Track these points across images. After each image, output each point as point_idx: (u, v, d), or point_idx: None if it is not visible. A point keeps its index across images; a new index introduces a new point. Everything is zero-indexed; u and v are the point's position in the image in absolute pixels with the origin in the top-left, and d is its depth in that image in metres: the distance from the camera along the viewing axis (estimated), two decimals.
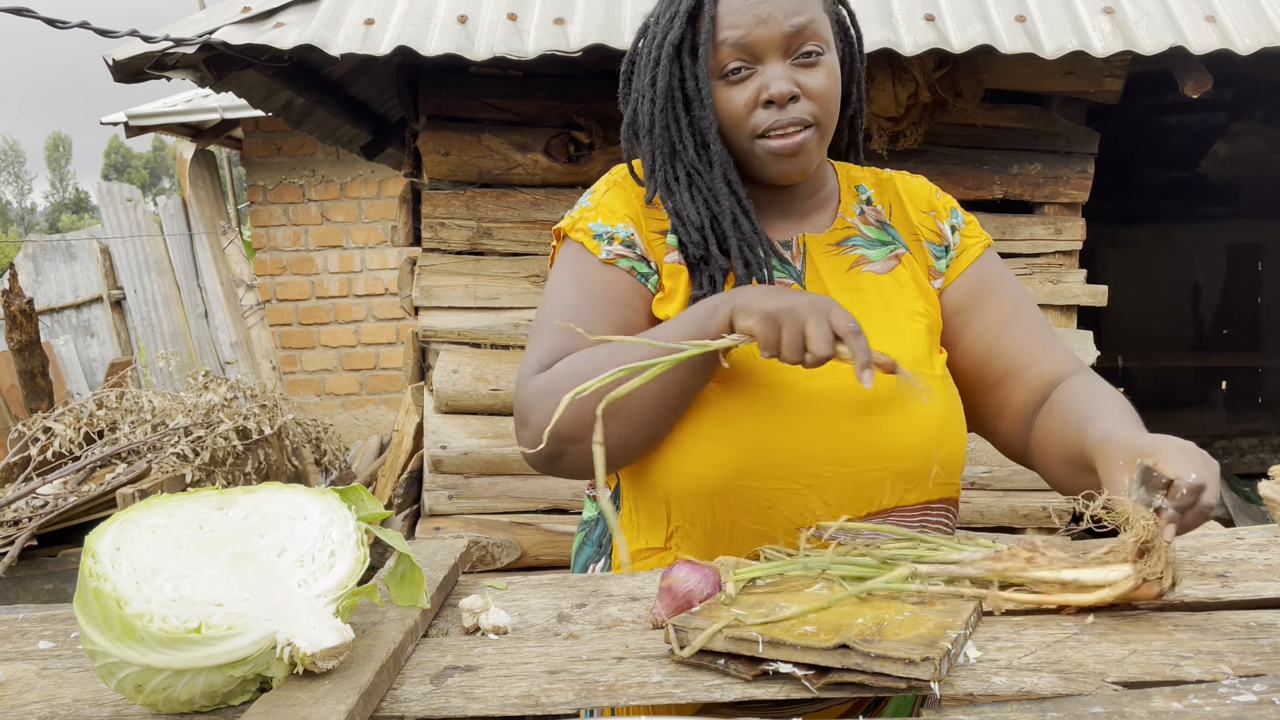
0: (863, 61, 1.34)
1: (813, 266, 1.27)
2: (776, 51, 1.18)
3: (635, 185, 1.30)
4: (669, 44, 1.22)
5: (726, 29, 1.19)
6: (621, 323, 1.21)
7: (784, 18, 1.18)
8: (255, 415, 4.15)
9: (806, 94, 1.19)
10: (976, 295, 1.30)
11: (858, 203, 1.33)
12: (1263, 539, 1.19)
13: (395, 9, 2.97)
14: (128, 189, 7.61)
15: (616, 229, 1.25)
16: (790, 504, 1.19)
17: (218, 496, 0.96)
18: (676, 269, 1.25)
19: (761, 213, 1.29)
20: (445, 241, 3.35)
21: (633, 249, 1.25)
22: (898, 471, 1.20)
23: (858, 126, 1.37)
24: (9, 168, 54.69)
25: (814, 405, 1.19)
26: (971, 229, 1.34)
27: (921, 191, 1.35)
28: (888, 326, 1.24)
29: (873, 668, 0.83)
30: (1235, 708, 0.79)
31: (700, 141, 1.23)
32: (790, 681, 0.86)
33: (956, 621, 0.90)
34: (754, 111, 1.20)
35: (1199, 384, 6.41)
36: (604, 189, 1.31)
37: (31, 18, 2.54)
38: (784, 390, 1.19)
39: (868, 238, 1.31)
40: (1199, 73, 2.88)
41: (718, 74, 1.21)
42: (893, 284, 1.28)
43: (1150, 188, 5.80)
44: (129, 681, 0.83)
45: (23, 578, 3.22)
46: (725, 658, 0.88)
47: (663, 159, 1.25)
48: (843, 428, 1.19)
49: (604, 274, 1.23)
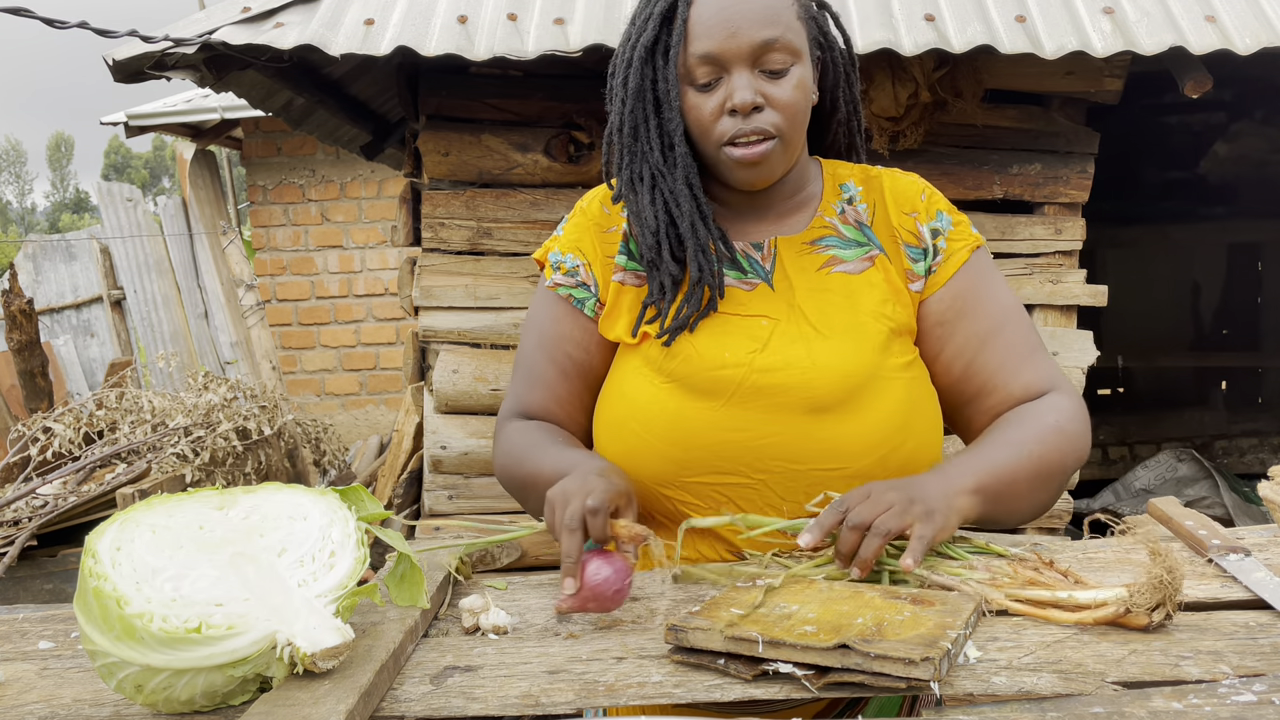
0: (852, 64, 1.34)
1: (781, 267, 1.28)
2: (744, 62, 1.19)
3: (598, 210, 1.36)
4: (642, 45, 1.24)
5: (697, 39, 1.20)
6: (561, 358, 1.34)
7: (753, 30, 1.18)
8: (255, 415, 4.15)
9: (771, 104, 1.20)
10: (959, 310, 1.28)
11: (839, 202, 1.33)
12: (1263, 539, 1.19)
13: (395, 9, 2.97)
14: (128, 189, 7.61)
15: (565, 258, 1.35)
16: (746, 499, 1.22)
17: (218, 496, 0.96)
18: (620, 288, 1.31)
19: (736, 215, 1.31)
20: (445, 241, 3.35)
21: (573, 277, 1.34)
22: (852, 472, 1.21)
23: (854, 129, 1.37)
24: (10, 167, 54.70)
25: (762, 402, 1.21)
26: (959, 231, 1.31)
27: (908, 192, 1.32)
28: (850, 326, 1.24)
29: (873, 668, 0.83)
30: (1235, 708, 0.79)
31: (666, 144, 1.25)
32: (790, 681, 0.86)
33: (956, 621, 0.90)
34: (719, 119, 1.21)
35: (1199, 384, 6.41)
36: (571, 216, 1.39)
37: (31, 18, 2.54)
38: (732, 387, 1.21)
39: (844, 237, 1.30)
40: (1199, 73, 2.88)
41: (687, 79, 1.22)
42: (863, 285, 1.28)
43: (1150, 188, 5.80)
44: (129, 681, 0.84)
45: (23, 578, 3.22)
46: (725, 658, 0.88)
47: (630, 158, 1.27)
48: (792, 425, 1.20)
49: (550, 308, 1.36)
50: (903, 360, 1.25)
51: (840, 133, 1.37)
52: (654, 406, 1.23)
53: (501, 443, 1.37)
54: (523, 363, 1.38)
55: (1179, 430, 5.61)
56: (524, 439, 1.33)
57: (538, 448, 1.30)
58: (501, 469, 1.36)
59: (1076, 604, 0.95)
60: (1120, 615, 0.93)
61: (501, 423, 1.38)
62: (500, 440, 1.37)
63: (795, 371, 1.21)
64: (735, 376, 1.21)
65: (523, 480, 1.31)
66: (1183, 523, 1.21)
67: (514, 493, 1.35)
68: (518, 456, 1.32)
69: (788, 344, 1.23)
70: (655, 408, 1.23)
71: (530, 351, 1.37)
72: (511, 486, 1.35)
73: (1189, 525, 1.19)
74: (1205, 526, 1.18)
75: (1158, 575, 0.90)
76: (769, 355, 1.22)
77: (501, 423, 1.38)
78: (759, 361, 1.22)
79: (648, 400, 1.24)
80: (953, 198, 3.48)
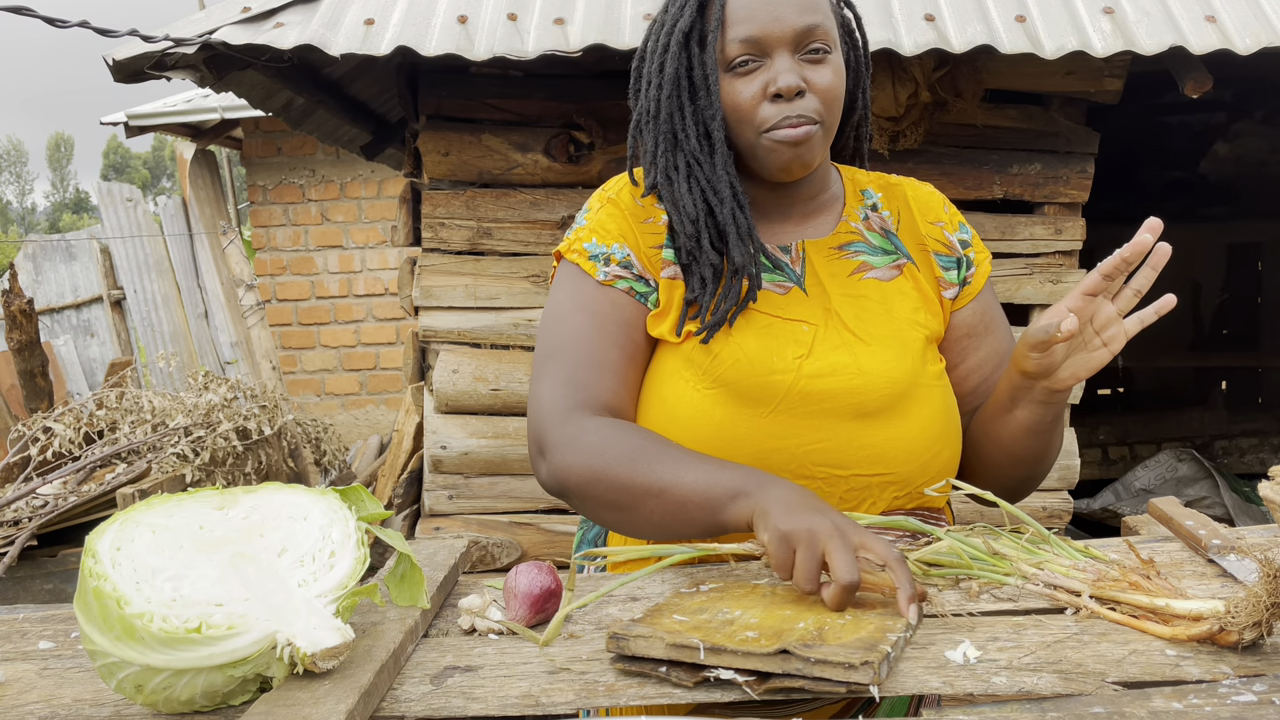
0: (868, 67, 1.33)
1: (812, 271, 1.26)
2: (786, 46, 1.18)
3: (630, 200, 1.29)
4: (679, 31, 1.22)
5: (737, 23, 1.18)
6: (627, 344, 1.23)
7: (796, 15, 1.18)
8: (255, 415, 4.15)
9: (813, 90, 1.19)
10: (986, 324, 1.33)
11: (863, 208, 1.32)
12: (1263, 539, 1.19)
13: (395, 9, 2.97)
14: (128, 189, 7.61)
15: (612, 249, 1.26)
16: None
17: (218, 496, 0.96)
18: (671, 283, 1.25)
19: (761, 214, 1.29)
20: (445, 241, 3.35)
21: (629, 269, 1.25)
22: (895, 478, 1.20)
23: (863, 134, 1.36)
24: (11, 168, 54.69)
25: (810, 409, 1.19)
26: (979, 245, 1.35)
27: (930, 201, 1.35)
28: (890, 334, 1.24)
29: (813, 672, 0.82)
30: (1235, 708, 0.79)
31: (703, 131, 1.23)
32: (733, 688, 0.85)
33: (897, 624, 0.90)
34: (760, 105, 1.19)
35: (1199, 384, 6.40)
36: (598, 206, 1.30)
37: (31, 17, 2.54)
38: (780, 394, 1.19)
39: (871, 244, 1.30)
40: (1199, 73, 2.88)
41: (725, 65, 1.20)
42: (895, 292, 1.28)
43: (1150, 188, 5.79)
44: (129, 681, 0.83)
45: (23, 578, 3.22)
46: (667, 665, 0.88)
47: (665, 146, 1.24)
48: (839, 432, 1.19)
49: (604, 295, 1.24)
50: (938, 368, 1.27)
51: (850, 135, 1.37)
52: (699, 415, 1.19)
53: (589, 439, 1.15)
54: (575, 351, 1.21)
55: (1179, 430, 5.61)
56: (631, 440, 1.14)
57: (659, 452, 1.12)
58: (600, 471, 1.13)
59: (1173, 613, 0.92)
60: (1214, 633, 0.88)
61: (568, 414, 1.17)
62: (585, 437, 1.15)
63: (843, 377, 1.19)
64: (784, 383, 1.19)
65: (644, 489, 1.11)
66: (1183, 523, 1.21)
67: (614, 500, 1.13)
68: (629, 458, 1.12)
69: (831, 350, 1.21)
70: (701, 416, 1.19)
71: (586, 338, 1.22)
72: (614, 493, 1.13)
73: (1189, 525, 1.19)
74: (1205, 526, 1.18)
75: (1258, 595, 0.85)
76: (815, 361, 1.20)
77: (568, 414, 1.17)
78: (806, 367, 1.19)
79: (692, 407, 1.19)
80: (953, 197, 3.48)
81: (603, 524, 1.20)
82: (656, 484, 1.10)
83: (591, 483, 1.14)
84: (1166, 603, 0.92)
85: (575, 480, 1.15)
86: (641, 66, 1.30)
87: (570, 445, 1.15)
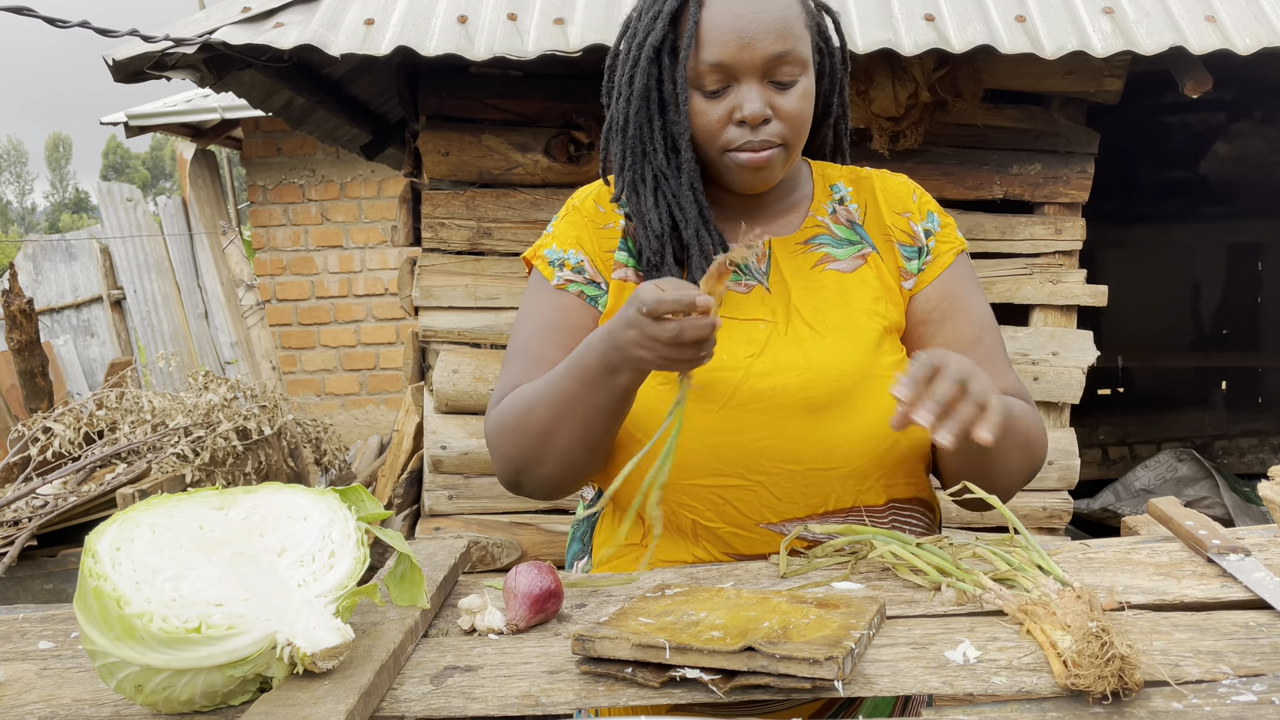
0: (846, 66, 1.34)
1: (777, 268, 1.28)
2: (754, 74, 1.19)
3: (592, 207, 1.33)
4: (649, 45, 1.22)
5: (709, 44, 1.19)
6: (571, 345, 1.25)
7: (768, 42, 1.18)
8: (255, 415, 4.15)
9: (779, 115, 1.20)
10: (945, 311, 1.31)
11: (830, 202, 1.34)
12: (1263, 539, 1.19)
13: (395, 9, 2.97)
14: (128, 189, 7.61)
15: (568, 255, 1.31)
16: (744, 501, 1.21)
17: (218, 496, 0.96)
18: (622, 284, 1.28)
19: (730, 217, 1.30)
20: (445, 241, 3.34)
21: (581, 273, 1.30)
22: (849, 472, 1.21)
23: (841, 132, 1.38)
24: (11, 168, 54.70)
25: (760, 404, 1.21)
26: (946, 233, 1.34)
27: (899, 192, 1.35)
28: (845, 324, 1.25)
29: (778, 669, 0.83)
30: (1235, 708, 0.79)
31: (671, 146, 1.25)
32: (699, 687, 0.86)
33: (860, 622, 0.91)
34: (726, 127, 1.21)
35: (1199, 384, 6.40)
36: (562, 214, 1.35)
37: (32, 17, 2.54)
38: (729, 390, 1.21)
39: (836, 236, 1.31)
40: (1199, 73, 2.88)
41: (695, 84, 1.21)
42: (856, 282, 1.28)
43: (1150, 188, 5.79)
44: (129, 681, 0.83)
45: (23, 578, 3.22)
46: (633, 666, 0.88)
47: (633, 159, 1.26)
48: (790, 426, 1.20)
49: (555, 300, 1.30)
50: (894, 358, 1.26)
51: (828, 134, 1.37)
52: (654, 409, 1.21)
53: (502, 411, 1.25)
54: (522, 349, 1.29)
55: (1179, 430, 5.61)
56: (528, 388, 1.23)
57: (537, 385, 1.21)
58: (516, 425, 1.22)
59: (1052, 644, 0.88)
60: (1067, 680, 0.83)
61: (495, 403, 1.28)
62: (499, 412, 1.25)
63: (793, 374, 1.21)
64: (733, 379, 1.21)
65: (546, 414, 1.19)
66: (1183, 523, 1.21)
67: (535, 440, 1.21)
68: (528, 400, 1.21)
69: (785, 347, 1.23)
70: (656, 411, 1.21)
71: (530, 339, 1.29)
72: (532, 430, 1.20)
73: (1189, 525, 1.19)
74: (1205, 526, 1.18)
75: (1094, 652, 0.81)
76: (765, 359, 1.22)
77: (495, 403, 1.28)
78: (756, 365, 1.22)
79: (646, 401, 1.22)
80: (953, 198, 3.48)
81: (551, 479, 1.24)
82: (553, 404, 1.18)
83: (519, 431, 1.22)
84: (1055, 637, 0.88)
85: (508, 442, 1.23)
86: (613, 75, 1.31)
87: (494, 425, 1.26)
